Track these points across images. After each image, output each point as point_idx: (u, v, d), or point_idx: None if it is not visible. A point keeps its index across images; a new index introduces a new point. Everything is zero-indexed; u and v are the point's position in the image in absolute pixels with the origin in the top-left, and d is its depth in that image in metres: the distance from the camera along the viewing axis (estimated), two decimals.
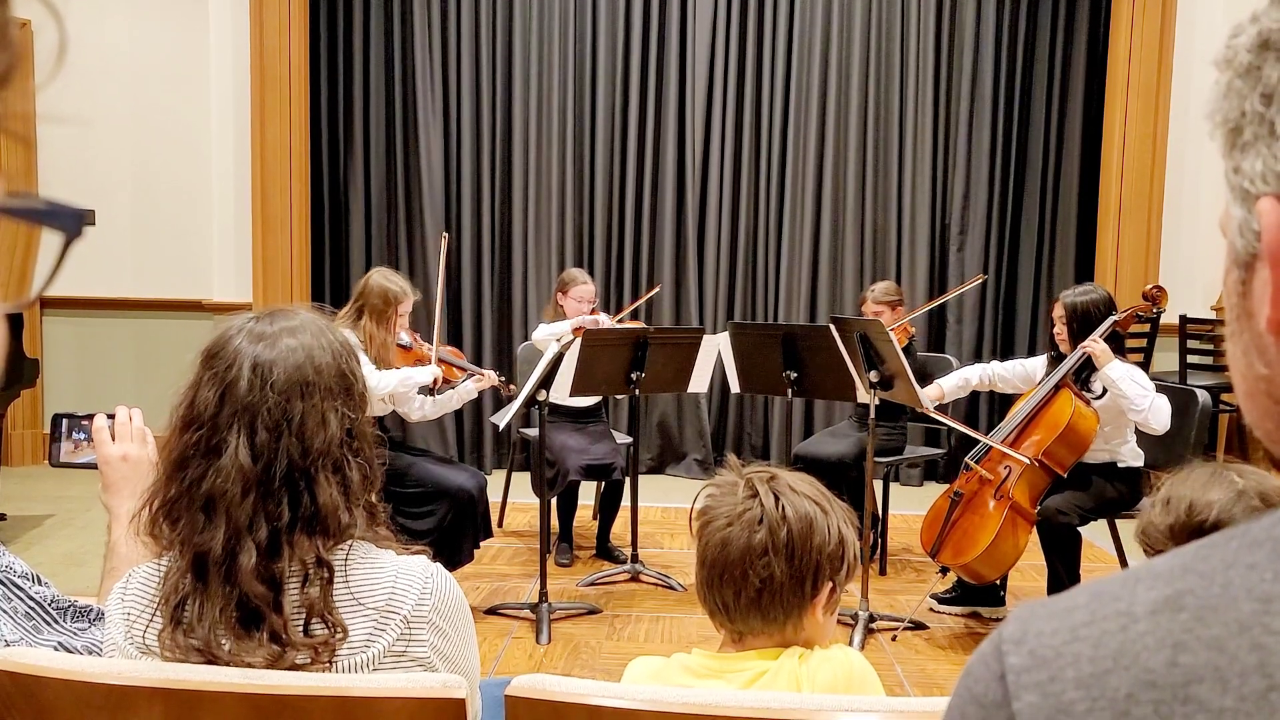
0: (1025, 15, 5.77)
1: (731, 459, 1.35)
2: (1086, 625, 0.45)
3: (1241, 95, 0.48)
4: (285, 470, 1.17)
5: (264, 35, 5.52)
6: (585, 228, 5.96)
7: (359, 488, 1.22)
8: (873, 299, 4.20)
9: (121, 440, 1.47)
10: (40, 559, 4.22)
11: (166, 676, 1.13)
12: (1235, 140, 0.49)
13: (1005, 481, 3.37)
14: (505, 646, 3.38)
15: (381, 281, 3.52)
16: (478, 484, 3.59)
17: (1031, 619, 0.47)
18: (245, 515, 1.16)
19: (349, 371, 1.24)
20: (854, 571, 1.28)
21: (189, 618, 1.15)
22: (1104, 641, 0.44)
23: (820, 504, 1.25)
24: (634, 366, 3.77)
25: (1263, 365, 0.49)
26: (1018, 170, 5.84)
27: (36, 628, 1.29)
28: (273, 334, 1.22)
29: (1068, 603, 0.47)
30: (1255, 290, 0.49)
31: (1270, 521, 0.45)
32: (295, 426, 1.18)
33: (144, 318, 5.81)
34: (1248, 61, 0.48)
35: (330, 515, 1.17)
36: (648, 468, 5.85)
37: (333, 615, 1.15)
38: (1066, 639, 0.45)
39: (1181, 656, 0.42)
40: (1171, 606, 0.44)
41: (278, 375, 1.19)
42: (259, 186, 5.60)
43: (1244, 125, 0.48)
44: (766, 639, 1.26)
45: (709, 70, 5.84)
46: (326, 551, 1.17)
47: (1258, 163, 0.47)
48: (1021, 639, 0.46)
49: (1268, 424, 0.50)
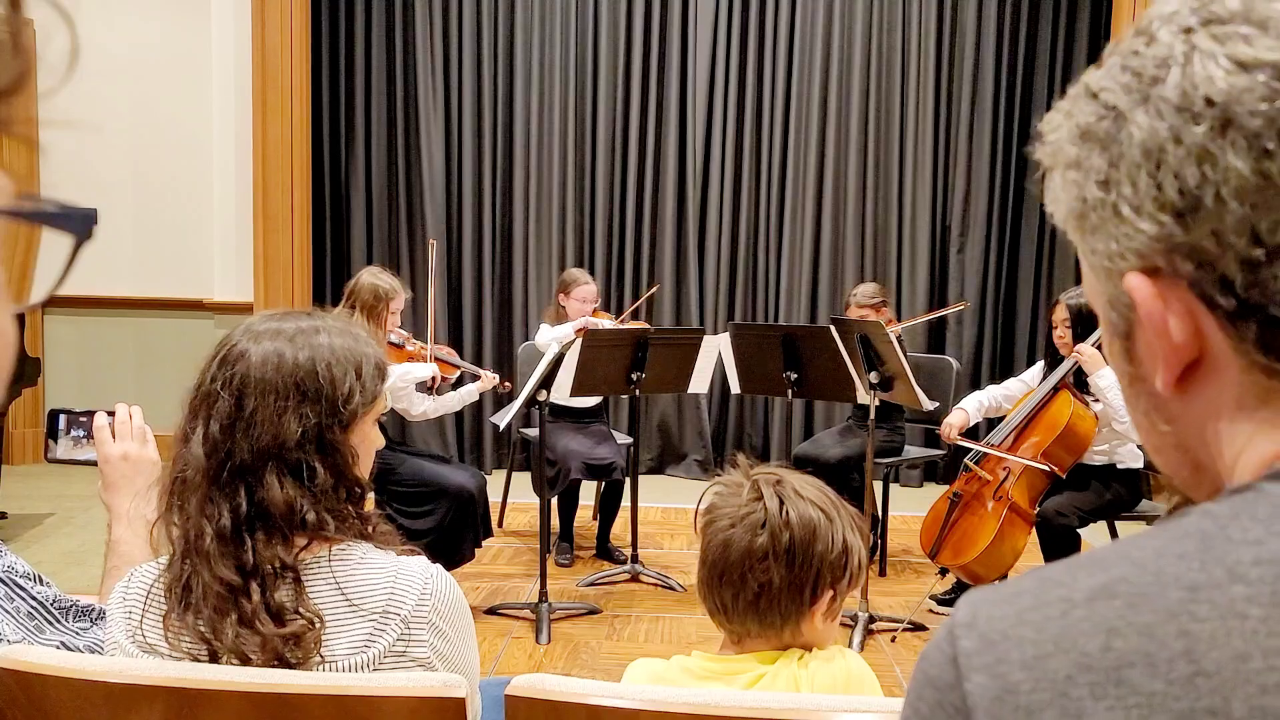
0: (1026, 17, 5.77)
1: (741, 459, 1.33)
2: (1031, 610, 0.47)
3: (1078, 184, 0.52)
4: (238, 465, 1.18)
5: (265, 34, 5.52)
6: (586, 228, 5.96)
7: (327, 491, 1.20)
8: (856, 302, 4.18)
9: (122, 439, 1.47)
10: (40, 557, 4.22)
11: (168, 675, 1.13)
12: (1083, 225, 0.52)
13: (1004, 483, 3.37)
14: (505, 646, 3.38)
15: (371, 280, 3.52)
16: (478, 483, 3.59)
17: (981, 604, 0.49)
18: (200, 503, 1.18)
19: (328, 378, 1.22)
20: (857, 580, 1.27)
21: (195, 599, 1.17)
22: (1046, 626, 0.46)
23: (826, 510, 1.24)
24: (634, 367, 3.77)
25: (1164, 423, 0.53)
26: (1019, 172, 5.84)
27: (39, 627, 1.30)
28: (260, 331, 1.24)
29: (1015, 588, 0.49)
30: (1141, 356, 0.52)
31: (1198, 514, 0.47)
32: (244, 423, 1.19)
33: (145, 317, 5.81)
34: (1074, 154, 0.52)
35: (281, 514, 1.17)
36: (648, 468, 5.85)
37: (307, 611, 1.16)
38: (1013, 623, 0.47)
39: (1115, 641, 0.44)
40: (1107, 593, 0.46)
41: (237, 370, 1.20)
42: (260, 185, 5.60)
43: (1087, 211, 0.52)
44: (764, 642, 1.26)
45: (710, 71, 5.84)
46: (290, 554, 1.18)
47: (1111, 243, 0.51)
48: (972, 623, 0.49)
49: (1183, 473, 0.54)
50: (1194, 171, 0.47)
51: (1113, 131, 0.50)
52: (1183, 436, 0.52)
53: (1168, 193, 0.48)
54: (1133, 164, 0.49)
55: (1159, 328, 0.49)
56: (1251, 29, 0.47)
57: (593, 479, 4.19)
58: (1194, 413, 0.51)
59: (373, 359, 1.28)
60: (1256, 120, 0.45)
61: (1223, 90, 0.46)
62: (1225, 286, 0.47)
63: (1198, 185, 0.47)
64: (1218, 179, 0.46)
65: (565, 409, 4.20)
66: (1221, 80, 0.46)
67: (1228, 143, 0.46)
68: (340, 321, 1.29)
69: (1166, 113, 0.48)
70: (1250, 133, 0.46)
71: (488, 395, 5.82)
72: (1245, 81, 0.46)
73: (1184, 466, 0.54)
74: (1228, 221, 0.46)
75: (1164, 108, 0.48)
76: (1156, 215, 0.48)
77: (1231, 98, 0.46)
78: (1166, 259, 0.49)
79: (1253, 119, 0.46)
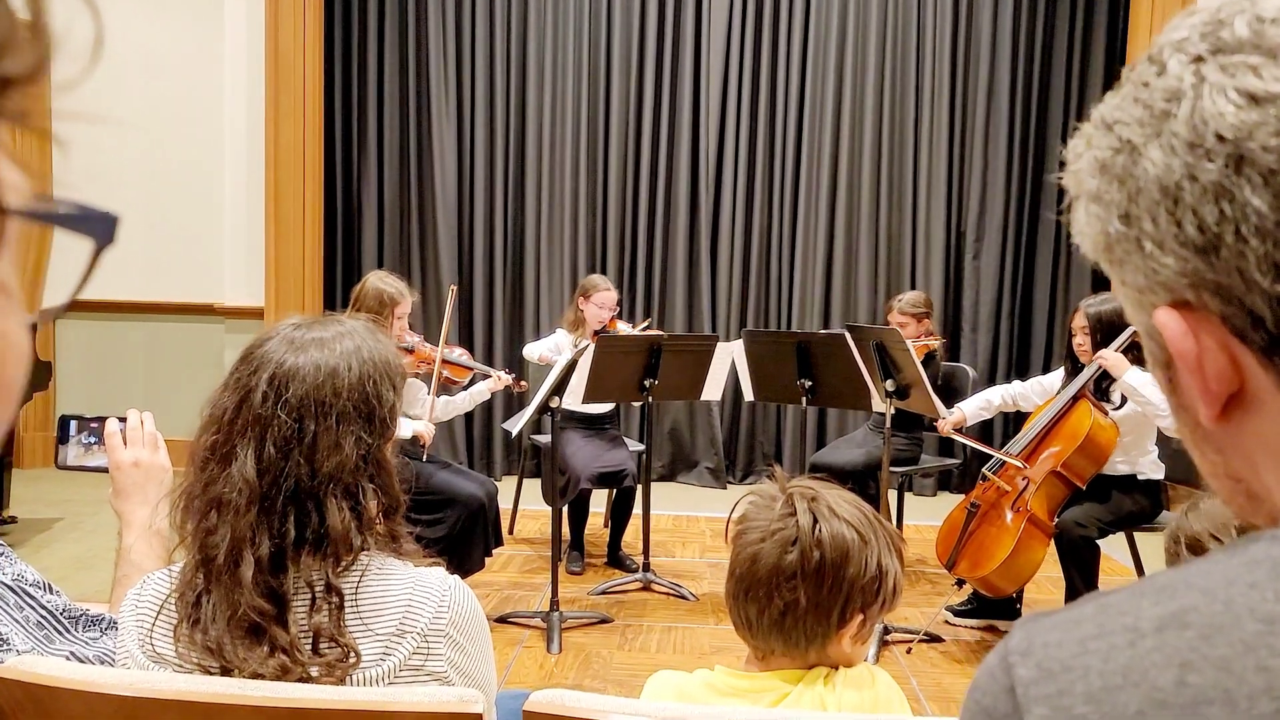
0: (1042, 20, 5.73)
1: (778, 470, 1.29)
2: (1094, 639, 0.45)
3: (1101, 219, 0.50)
4: (292, 489, 1.15)
5: (279, 39, 5.52)
6: (598, 234, 5.94)
7: (374, 514, 1.18)
8: (899, 309, 4.12)
9: (133, 445, 1.45)
10: (49, 562, 4.21)
11: (179, 688, 1.10)
12: (1110, 257, 0.51)
13: (1023, 493, 3.33)
14: (516, 656, 3.35)
15: (377, 284, 3.49)
16: (488, 491, 3.56)
17: (1037, 630, 0.48)
18: (247, 527, 1.13)
19: (375, 395, 1.20)
20: (891, 604, 1.21)
21: (204, 616, 1.13)
22: (1112, 656, 0.44)
23: (861, 530, 1.18)
24: (648, 373, 3.75)
25: (1214, 453, 0.52)
26: (1034, 177, 5.80)
27: (48, 637, 1.27)
28: (304, 343, 1.19)
29: (1073, 615, 0.47)
30: (1183, 387, 0.50)
31: (1268, 539, 0.46)
32: (306, 447, 1.15)
33: (156, 321, 5.81)
34: (1095, 187, 0.51)
35: (339, 540, 1.14)
36: (659, 475, 5.81)
37: (344, 639, 1.12)
38: (1075, 652, 0.45)
39: (1190, 676, 0.42)
40: (1177, 623, 0.44)
41: (294, 391, 1.16)
42: (272, 190, 5.59)
43: (1112, 244, 0.50)
44: (789, 660, 1.22)
45: (723, 75, 5.82)
46: (335, 575, 1.15)
47: (1139, 276, 0.49)
48: (1028, 650, 0.47)
49: (1238, 499, 0.53)
50: (1212, 210, 0.45)
51: (1129, 166, 0.49)
52: (1232, 466, 0.51)
53: (1188, 230, 0.46)
54: (1151, 200, 0.47)
55: (1191, 365, 0.48)
56: (1261, 58, 0.45)
57: (604, 487, 4.16)
58: (1242, 444, 0.50)
59: (398, 367, 1.27)
60: (1270, 156, 0.44)
61: (1233, 126, 0.45)
62: (1256, 322, 0.46)
63: (1217, 223, 0.45)
64: (1237, 216, 0.45)
65: (577, 415, 4.18)
66: (1232, 116, 0.45)
67: (1244, 180, 0.44)
68: (364, 326, 1.26)
69: (1179, 149, 0.46)
70: (1265, 169, 0.44)
71: (499, 400, 5.84)
72: (1256, 116, 0.44)
73: (1238, 494, 0.52)
74: (1251, 259, 0.45)
75: (1176, 144, 0.46)
76: (1179, 251, 0.47)
77: (1243, 134, 0.44)
78: (1195, 294, 0.47)
79: (1266, 155, 0.44)
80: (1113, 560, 4.27)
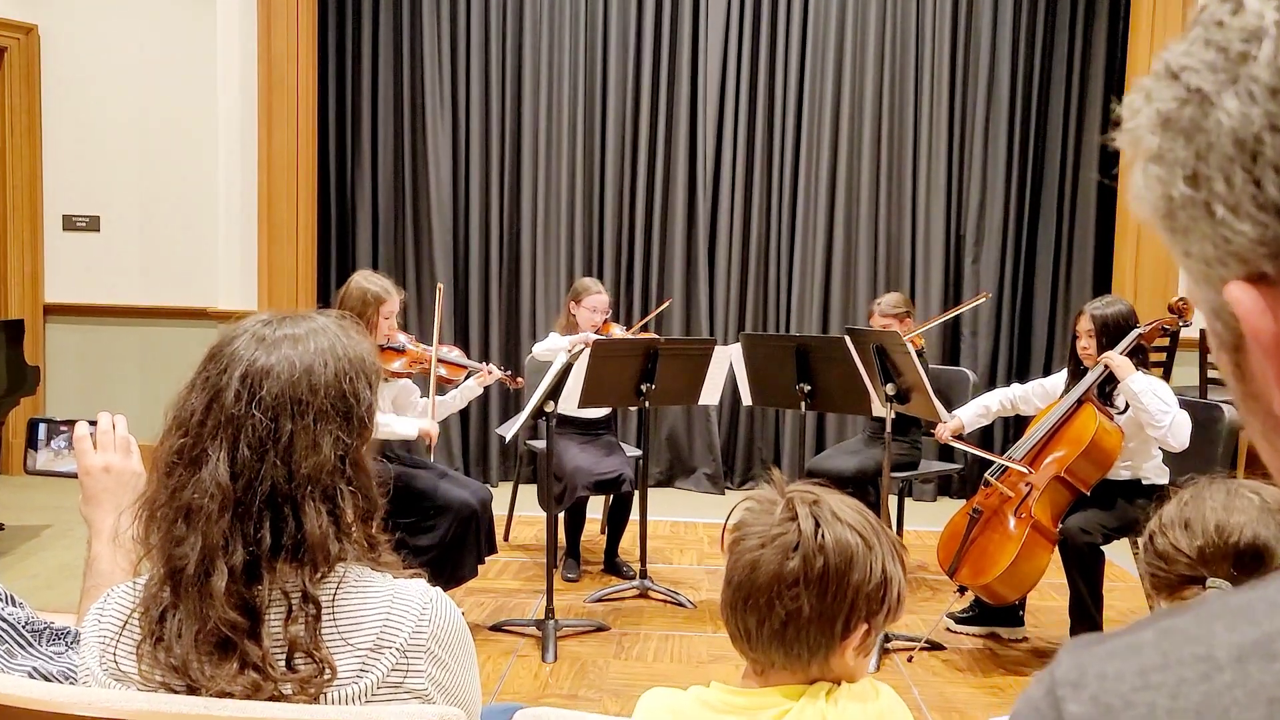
0: (1042, 22, 5.68)
1: (776, 474, 1.22)
2: (1159, 670, 0.39)
3: (1163, 181, 0.44)
4: (268, 493, 1.09)
5: (272, 42, 5.47)
6: (595, 237, 5.88)
7: (352, 519, 1.13)
8: (880, 311, 4.08)
9: (104, 450, 1.39)
10: (37, 570, 4.14)
11: (140, 707, 1.04)
12: (1172, 225, 0.45)
13: (1027, 499, 3.27)
14: (510, 665, 3.28)
15: (362, 283, 3.41)
16: (481, 498, 3.49)
17: (1090, 658, 0.42)
18: (219, 535, 1.07)
19: (352, 393, 1.14)
20: (896, 614, 1.16)
21: (168, 634, 1.07)
22: (1183, 692, 0.38)
23: (865, 536, 1.13)
24: (644, 378, 3.69)
25: None
26: (1034, 179, 5.75)
27: (9, 652, 1.21)
28: (276, 339, 1.14)
29: (1131, 640, 0.41)
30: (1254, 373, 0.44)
31: None
32: (282, 448, 1.09)
33: (148, 325, 5.75)
34: (1156, 145, 0.44)
35: (317, 546, 1.08)
36: (656, 481, 5.75)
37: (320, 653, 1.06)
38: (1136, 685, 0.39)
39: None
40: (1262, 652, 0.38)
41: (268, 389, 1.10)
42: (265, 194, 5.54)
43: (1175, 210, 0.44)
44: (789, 674, 1.15)
45: (721, 78, 5.77)
46: (313, 584, 1.09)
47: (1207, 246, 0.43)
48: (1079, 682, 0.41)
49: None
50: None
51: (1198, 119, 0.42)
52: None
53: (1268, 190, 0.40)
54: (1224, 157, 0.41)
55: (1269, 347, 0.41)
56: None
57: (600, 493, 4.10)
58: None
59: (374, 364, 1.21)
60: None
61: None
62: None
63: None
64: None
65: (573, 420, 4.12)
66: None
67: None
68: (335, 322, 1.20)
69: (1260, 96, 0.39)
70: None
71: (495, 406, 5.78)
72: None
73: None
74: None
75: (1256, 90, 0.40)
76: (1257, 215, 0.40)
77: None
78: (1275, 264, 0.41)
79: None
80: (1115, 566, 4.21)
